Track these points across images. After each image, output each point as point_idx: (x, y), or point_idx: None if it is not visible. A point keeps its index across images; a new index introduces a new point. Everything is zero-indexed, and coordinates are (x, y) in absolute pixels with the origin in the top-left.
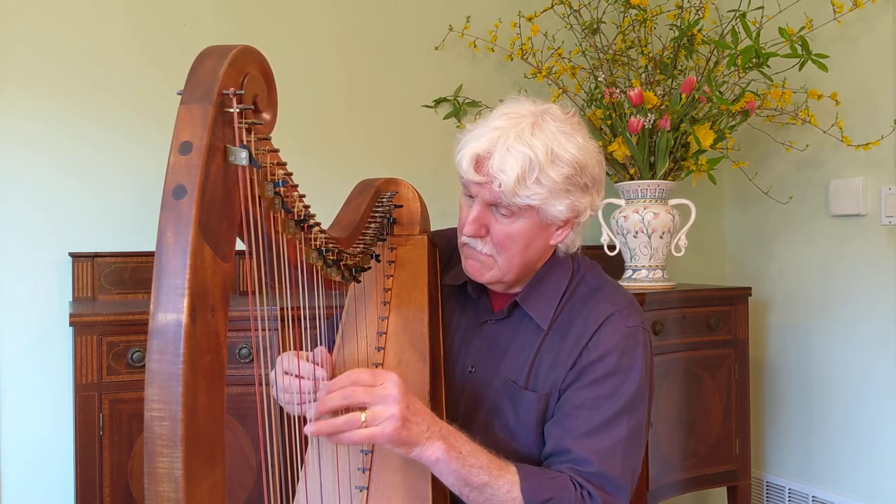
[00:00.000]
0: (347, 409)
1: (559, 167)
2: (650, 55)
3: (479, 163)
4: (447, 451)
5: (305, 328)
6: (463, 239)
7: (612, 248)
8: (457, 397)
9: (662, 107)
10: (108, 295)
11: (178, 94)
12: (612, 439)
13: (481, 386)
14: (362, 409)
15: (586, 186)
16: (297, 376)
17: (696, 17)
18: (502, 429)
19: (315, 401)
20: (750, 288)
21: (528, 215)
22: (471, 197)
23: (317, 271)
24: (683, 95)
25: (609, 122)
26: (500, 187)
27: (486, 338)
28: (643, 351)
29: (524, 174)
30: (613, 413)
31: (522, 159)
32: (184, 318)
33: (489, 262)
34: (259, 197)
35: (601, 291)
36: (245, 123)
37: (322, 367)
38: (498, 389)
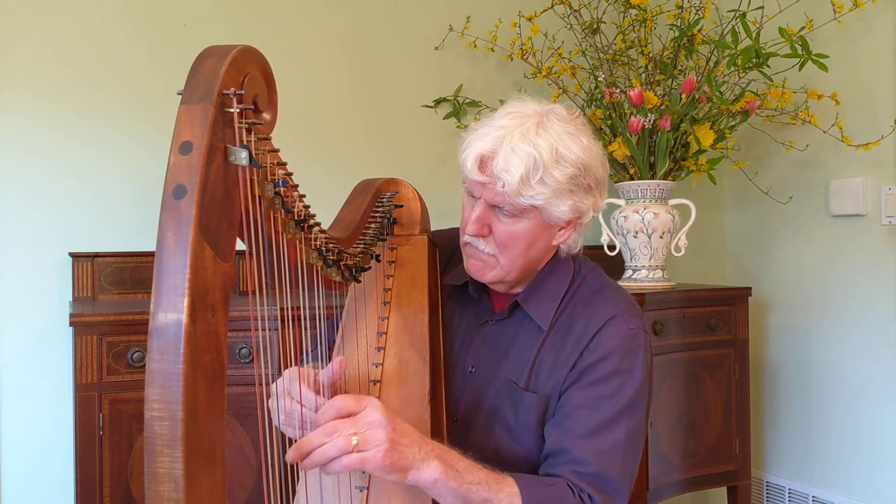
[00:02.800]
0: None
1: (563, 167)
2: (650, 55)
3: (483, 163)
4: (444, 472)
5: (305, 328)
6: (465, 238)
7: (612, 248)
8: (457, 397)
9: (662, 107)
10: (108, 295)
11: (179, 94)
12: (610, 440)
13: (482, 386)
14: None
15: (590, 187)
16: (298, 402)
17: (696, 17)
18: (503, 429)
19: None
20: (750, 288)
21: (531, 216)
22: (473, 196)
23: (317, 271)
24: (683, 95)
25: (609, 122)
26: (503, 187)
27: (487, 338)
28: (644, 353)
29: (528, 174)
30: (613, 414)
31: (527, 159)
32: (184, 318)
33: (491, 261)
34: (259, 197)
35: (602, 293)
36: (245, 123)
37: (328, 384)
38: (498, 390)
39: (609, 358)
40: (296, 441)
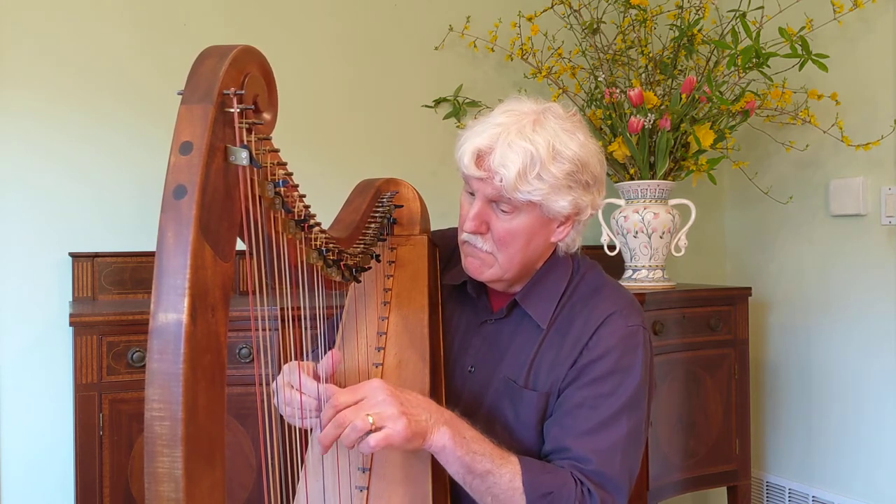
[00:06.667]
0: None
1: (560, 163)
2: (650, 55)
3: (480, 158)
4: (452, 438)
5: (305, 328)
6: (463, 236)
7: (612, 248)
8: (457, 397)
9: (662, 107)
10: (108, 295)
11: (179, 94)
12: (611, 438)
13: (481, 386)
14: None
15: (587, 184)
16: (298, 391)
17: (696, 17)
18: (502, 428)
19: (317, 416)
20: (750, 288)
21: (529, 211)
22: (471, 194)
23: (317, 271)
24: (683, 95)
25: (609, 122)
26: (501, 182)
27: (486, 337)
28: (643, 350)
29: (525, 169)
30: (613, 412)
31: (524, 154)
32: (184, 317)
33: (489, 259)
34: (259, 197)
35: (601, 291)
36: (245, 123)
37: (329, 372)
38: (497, 389)
39: (608, 355)
40: (304, 431)
